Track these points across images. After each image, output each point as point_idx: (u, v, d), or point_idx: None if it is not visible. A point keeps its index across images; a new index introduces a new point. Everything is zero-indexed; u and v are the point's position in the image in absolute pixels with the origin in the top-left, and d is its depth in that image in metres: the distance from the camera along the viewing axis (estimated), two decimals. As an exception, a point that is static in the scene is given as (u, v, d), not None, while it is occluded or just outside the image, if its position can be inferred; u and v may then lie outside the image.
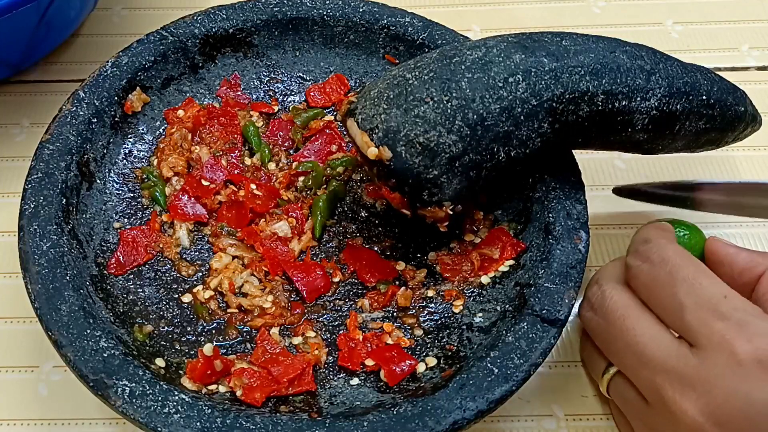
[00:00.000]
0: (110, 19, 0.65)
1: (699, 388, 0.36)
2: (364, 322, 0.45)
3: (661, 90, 0.43)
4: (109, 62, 0.50)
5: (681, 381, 0.37)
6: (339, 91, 0.54)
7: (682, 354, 0.37)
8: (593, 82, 0.42)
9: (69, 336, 0.40)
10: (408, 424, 0.37)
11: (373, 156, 0.41)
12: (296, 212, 0.49)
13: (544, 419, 0.45)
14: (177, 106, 0.52)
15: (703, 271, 0.39)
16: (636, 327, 0.39)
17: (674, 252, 0.40)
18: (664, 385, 0.37)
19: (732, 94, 0.45)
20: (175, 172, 0.50)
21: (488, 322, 0.44)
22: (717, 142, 0.47)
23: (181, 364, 0.42)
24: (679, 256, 0.40)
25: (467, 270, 0.46)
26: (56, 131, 0.47)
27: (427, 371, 0.42)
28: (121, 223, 0.48)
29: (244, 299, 0.45)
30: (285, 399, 0.41)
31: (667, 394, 0.37)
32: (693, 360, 0.37)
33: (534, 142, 0.42)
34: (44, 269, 0.42)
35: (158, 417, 0.37)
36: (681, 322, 0.38)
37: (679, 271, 0.39)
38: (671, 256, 0.40)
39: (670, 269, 0.39)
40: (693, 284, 0.38)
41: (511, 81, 0.41)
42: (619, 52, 0.43)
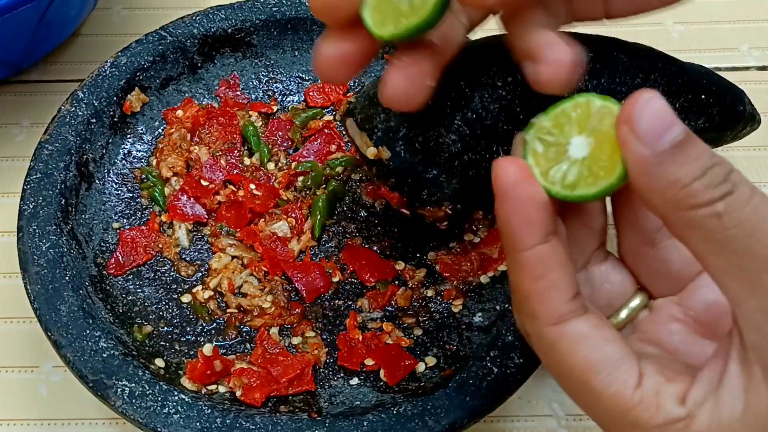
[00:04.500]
0: (110, 19, 0.65)
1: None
2: (364, 321, 0.45)
3: (660, 89, 0.42)
4: (108, 62, 0.50)
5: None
6: (338, 91, 0.54)
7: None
8: (592, 81, 0.42)
9: (68, 336, 0.40)
10: (408, 423, 0.37)
11: (372, 155, 0.41)
12: (295, 212, 0.49)
13: (544, 419, 0.45)
14: (176, 107, 0.52)
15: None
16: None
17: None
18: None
19: (731, 94, 0.45)
20: (175, 173, 0.50)
21: (488, 321, 0.44)
22: (716, 141, 0.47)
23: (181, 364, 0.42)
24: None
25: (467, 269, 0.46)
26: (55, 131, 0.47)
27: (427, 371, 0.42)
28: (121, 224, 0.48)
29: (243, 299, 0.45)
30: (285, 399, 0.41)
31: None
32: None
33: (533, 141, 0.42)
34: (43, 270, 0.42)
35: (158, 417, 0.37)
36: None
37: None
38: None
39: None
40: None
41: (510, 80, 0.41)
42: (617, 51, 0.43)
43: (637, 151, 0.29)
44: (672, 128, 0.29)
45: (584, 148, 0.31)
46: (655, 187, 0.30)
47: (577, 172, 0.31)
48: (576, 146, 0.32)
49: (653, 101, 0.29)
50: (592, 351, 0.31)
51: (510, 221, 0.32)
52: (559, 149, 0.32)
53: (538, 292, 0.31)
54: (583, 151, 0.31)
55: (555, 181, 0.32)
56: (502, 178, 0.31)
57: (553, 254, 0.31)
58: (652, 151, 0.29)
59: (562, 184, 0.31)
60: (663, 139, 0.29)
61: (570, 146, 0.32)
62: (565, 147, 0.32)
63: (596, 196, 0.31)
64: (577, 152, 0.32)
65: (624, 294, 0.36)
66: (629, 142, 0.29)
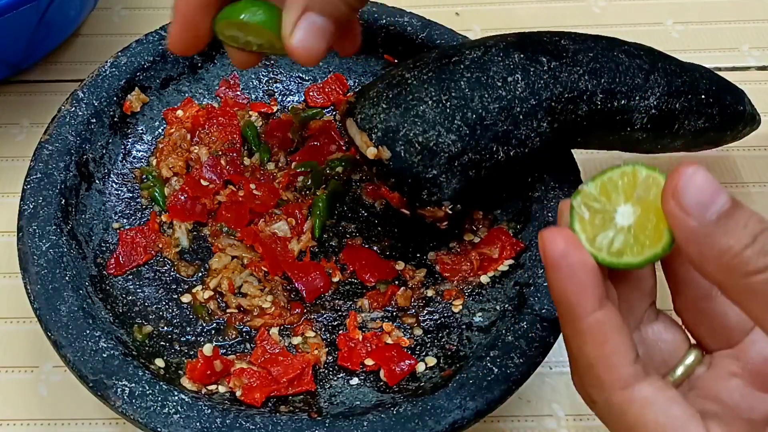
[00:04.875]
0: (110, 19, 0.65)
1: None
2: (364, 321, 0.45)
3: (660, 89, 0.43)
4: (108, 62, 0.50)
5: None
6: (338, 90, 0.54)
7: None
8: (592, 81, 0.42)
9: (68, 336, 0.40)
10: (408, 423, 0.37)
11: (372, 156, 0.41)
12: (295, 212, 0.48)
13: (544, 419, 0.45)
14: (176, 107, 0.52)
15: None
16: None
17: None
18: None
19: (731, 94, 0.45)
20: (175, 173, 0.50)
21: (488, 321, 0.44)
22: (716, 141, 0.47)
23: (181, 364, 0.42)
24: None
25: (467, 269, 0.46)
26: (55, 131, 0.47)
27: (427, 371, 0.42)
28: (120, 224, 0.48)
29: (243, 299, 0.45)
30: (285, 399, 0.41)
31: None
32: None
33: (533, 141, 0.42)
34: (43, 270, 0.42)
35: (158, 417, 0.37)
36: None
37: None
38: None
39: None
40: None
41: (510, 80, 0.41)
42: (618, 52, 0.43)
43: (686, 223, 0.30)
44: (718, 199, 0.30)
45: (630, 217, 0.32)
46: (707, 257, 0.30)
47: (623, 239, 0.32)
48: (622, 214, 0.33)
49: (697, 174, 0.30)
50: (660, 414, 0.32)
51: (565, 290, 0.32)
52: (605, 216, 0.33)
53: (602, 359, 0.32)
54: (629, 219, 0.32)
55: (602, 248, 0.32)
56: (551, 248, 0.32)
57: (610, 319, 0.32)
58: (700, 223, 0.30)
59: (608, 251, 0.32)
60: (710, 210, 0.30)
61: (616, 214, 0.33)
62: (612, 215, 0.33)
63: (641, 264, 0.32)
64: (623, 220, 0.32)
65: (678, 351, 0.36)
66: (677, 215, 0.30)
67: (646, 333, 0.37)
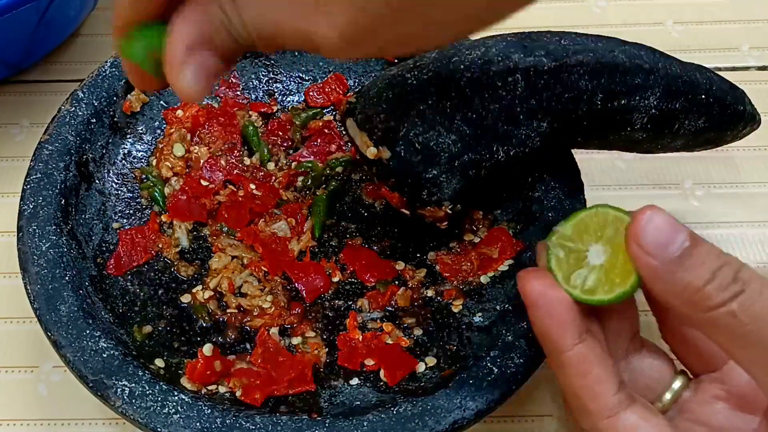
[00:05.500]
0: (110, 19, 0.65)
1: None
2: (364, 321, 0.45)
3: (660, 89, 0.43)
4: (108, 62, 0.50)
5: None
6: (338, 90, 0.54)
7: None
8: (592, 81, 0.42)
9: (68, 336, 0.40)
10: (408, 423, 0.37)
11: (372, 155, 0.41)
12: (296, 212, 0.48)
13: (544, 419, 0.45)
14: (176, 107, 0.52)
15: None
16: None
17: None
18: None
19: (731, 93, 0.45)
20: (174, 173, 0.50)
21: (488, 321, 0.44)
22: (716, 141, 0.47)
23: (181, 364, 0.42)
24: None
25: (467, 270, 0.46)
26: (55, 131, 0.47)
27: (427, 371, 0.42)
28: (120, 224, 0.48)
29: (243, 299, 0.45)
30: (285, 399, 0.41)
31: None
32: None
33: (533, 141, 0.42)
34: (43, 270, 0.42)
35: (158, 417, 0.37)
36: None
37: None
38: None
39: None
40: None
41: (510, 80, 0.41)
42: (618, 52, 0.43)
43: (648, 263, 0.32)
44: (676, 238, 0.32)
45: (601, 256, 0.35)
46: (671, 293, 0.32)
47: (595, 278, 0.35)
48: (594, 254, 0.35)
49: (655, 217, 0.32)
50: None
51: (546, 326, 0.34)
52: (578, 255, 0.35)
53: (586, 389, 0.34)
54: (600, 258, 0.35)
55: (576, 286, 0.35)
56: (528, 288, 0.35)
57: (591, 351, 0.34)
58: (661, 262, 0.32)
59: (582, 289, 0.35)
60: (669, 249, 0.32)
61: (588, 253, 0.35)
62: (584, 254, 0.35)
63: (612, 301, 0.35)
64: (594, 259, 0.35)
65: (664, 378, 0.38)
66: (639, 256, 0.32)
67: (632, 362, 0.38)
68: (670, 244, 0.32)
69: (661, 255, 0.32)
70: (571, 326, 0.34)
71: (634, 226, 0.33)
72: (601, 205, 0.36)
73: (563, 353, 0.34)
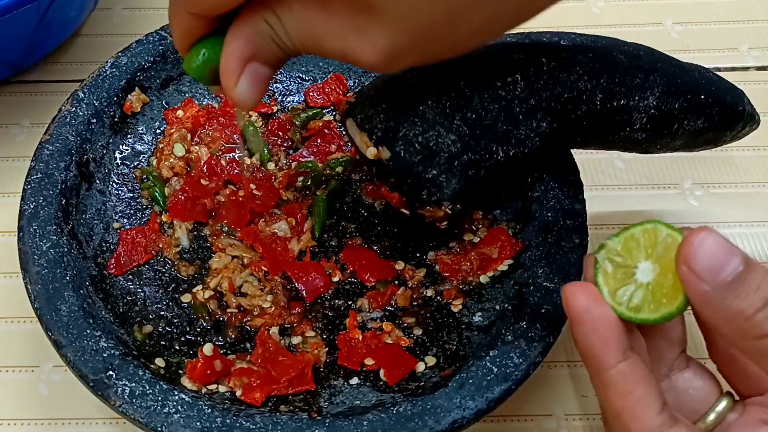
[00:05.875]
0: (110, 19, 0.65)
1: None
2: (364, 321, 0.45)
3: (659, 89, 0.43)
4: (108, 63, 0.50)
5: None
6: (338, 91, 0.54)
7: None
8: (592, 81, 0.42)
9: (69, 336, 0.40)
10: (408, 423, 0.37)
11: (372, 156, 0.41)
12: (296, 212, 0.49)
13: (544, 419, 0.45)
14: (176, 107, 0.52)
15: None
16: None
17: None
18: None
19: (730, 94, 0.45)
20: (175, 173, 0.50)
21: (487, 321, 0.44)
22: (715, 141, 0.47)
23: (181, 363, 0.42)
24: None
25: (466, 269, 0.46)
26: (56, 131, 0.47)
27: (427, 370, 0.42)
28: (121, 224, 0.48)
29: (243, 299, 0.45)
30: (285, 398, 0.41)
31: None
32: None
33: (533, 141, 0.42)
34: (44, 269, 0.42)
35: (158, 417, 0.37)
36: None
37: None
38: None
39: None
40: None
41: (509, 80, 0.41)
42: (617, 52, 0.43)
43: (698, 288, 0.31)
44: (729, 263, 0.31)
45: (649, 274, 0.34)
46: (719, 319, 0.32)
47: (641, 296, 0.34)
48: (642, 270, 0.34)
49: (707, 239, 0.31)
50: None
51: (589, 343, 0.34)
52: (627, 271, 0.35)
53: (628, 409, 0.33)
54: (649, 276, 0.34)
55: (622, 302, 0.34)
56: (573, 303, 0.34)
57: (635, 370, 0.33)
58: (712, 287, 0.31)
59: (627, 306, 0.34)
60: (721, 275, 0.31)
61: (637, 270, 0.34)
62: (633, 270, 0.34)
63: (657, 321, 0.34)
64: (643, 276, 0.34)
65: (709, 398, 0.37)
66: (689, 280, 0.32)
67: (677, 380, 0.37)
68: (722, 268, 0.31)
69: (712, 280, 0.31)
70: (615, 344, 0.33)
71: (685, 248, 0.32)
72: (654, 221, 0.35)
73: (606, 371, 0.33)
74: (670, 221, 0.34)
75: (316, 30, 0.32)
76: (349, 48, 0.32)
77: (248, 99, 0.34)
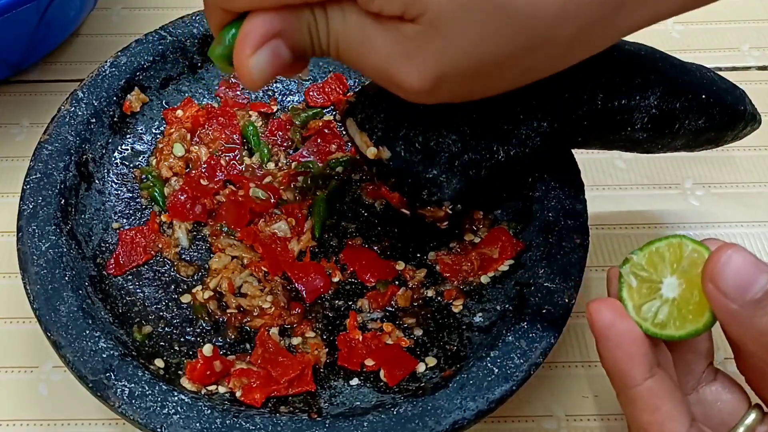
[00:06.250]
0: (110, 18, 0.65)
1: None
2: (364, 322, 0.45)
3: (660, 89, 0.42)
4: (107, 62, 0.50)
5: None
6: (338, 90, 0.54)
7: None
8: (592, 80, 0.42)
9: (68, 337, 0.39)
10: (408, 424, 0.37)
11: (372, 155, 0.41)
12: (296, 212, 0.48)
13: (544, 419, 0.45)
14: (176, 106, 0.52)
15: None
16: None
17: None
18: None
19: (731, 93, 0.45)
20: (174, 173, 0.50)
21: (488, 321, 0.44)
22: (716, 141, 0.47)
23: (181, 364, 0.42)
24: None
25: (467, 270, 0.46)
26: (55, 131, 0.47)
27: (427, 371, 0.42)
28: (120, 224, 0.48)
29: (243, 299, 0.45)
30: (285, 399, 0.41)
31: None
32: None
33: (533, 141, 0.42)
34: (43, 270, 0.42)
35: (157, 417, 0.37)
36: None
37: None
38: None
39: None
40: None
41: (510, 80, 0.41)
42: (618, 51, 0.43)
43: (725, 306, 0.31)
44: (757, 281, 0.30)
45: (675, 289, 0.34)
46: (747, 337, 0.31)
47: (667, 312, 0.33)
48: (668, 286, 0.34)
49: (734, 257, 0.31)
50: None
51: (615, 360, 0.33)
52: (652, 286, 0.34)
53: (655, 426, 0.33)
54: (674, 292, 0.34)
55: (647, 318, 0.34)
56: (598, 319, 0.33)
57: (662, 386, 0.33)
58: (740, 305, 0.30)
59: (652, 322, 0.34)
60: (749, 293, 0.30)
61: (662, 285, 0.34)
62: (658, 285, 0.34)
63: (682, 338, 0.34)
64: (668, 292, 0.34)
65: (737, 411, 0.36)
66: (716, 298, 0.31)
67: (705, 393, 0.37)
68: (750, 287, 0.30)
69: (739, 298, 0.30)
70: (641, 360, 0.33)
71: (711, 265, 0.31)
72: (679, 236, 0.34)
73: (632, 388, 0.33)
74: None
75: (363, 42, 0.31)
76: (393, 69, 0.31)
77: (259, 76, 0.32)
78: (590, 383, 0.47)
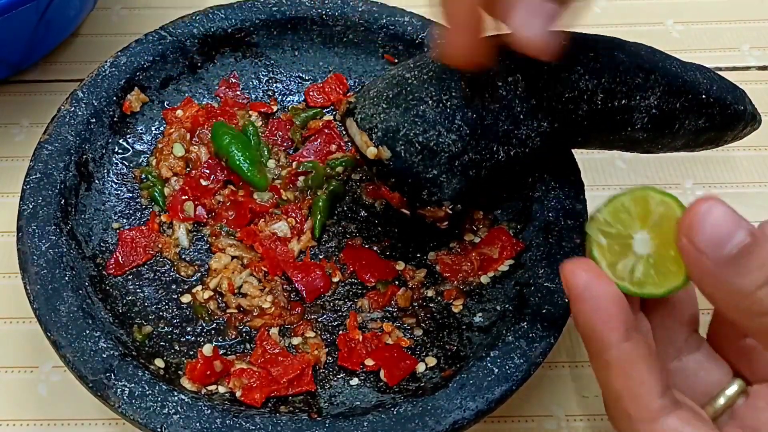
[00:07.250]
0: (109, 18, 0.65)
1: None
2: (364, 322, 0.45)
3: (660, 89, 0.42)
4: (107, 62, 0.50)
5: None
6: (338, 90, 0.54)
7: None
8: (592, 80, 0.42)
9: (68, 337, 0.39)
10: (408, 424, 0.37)
11: (372, 155, 0.41)
12: (295, 212, 0.48)
13: (544, 419, 0.45)
14: (176, 106, 0.52)
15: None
16: None
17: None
18: None
19: (731, 93, 0.45)
20: (174, 173, 0.50)
21: (488, 321, 0.44)
22: (716, 141, 0.47)
23: (181, 364, 0.42)
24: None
25: (467, 270, 0.46)
26: (55, 131, 0.47)
27: (427, 371, 0.42)
28: (120, 224, 0.48)
29: (243, 299, 0.45)
30: (285, 399, 0.41)
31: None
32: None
33: (533, 141, 0.42)
34: (43, 270, 0.42)
35: (157, 417, 0.37)
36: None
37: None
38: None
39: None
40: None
41: (510, 80, 0.41)
42: (618, 51, 0.43)
43: (699, 262, 0.29)
44: (734, 236, 0.29)
45: (647, 244, 0.32)
46: (720, 295, 0.30)
47: (643, 270, 0.32)
48: (639, 242, 0.32)
49: (713, 210, 0.29)
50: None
51: (590, 322, 0.32)
52: (623, 243, 0.32)
53: (628, 391, 0.31)
54: (647, 248, 0.32)
55: (623, 277, 0.32)
56: (573, 280, 0.32)
57: (637, 351, 0.31)
58: (714, 262, 0.29)
59: (630, 281, 0.32)
60: (725, 248, 0.29)
61: (633, 241, 0.32)
62: (629, 241, 0.32)
63: (664, 295, 0.32)
64: (641, 248, 0.32)
65: (720, 381, 0.35)
66: (690, 253, 0.29)
67: (687, 362, 0.36)
68: (726, 242, 0.29)
69: (714, 254, 0.29)
70: (618, 321, 0.31)
71: (688, 219, 0.29)
72: (643, 187, 0.33)
73: (608, 351, 0.31)
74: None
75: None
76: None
77: (540, 42, 0.31)
78: (590, 383, 0.47)
